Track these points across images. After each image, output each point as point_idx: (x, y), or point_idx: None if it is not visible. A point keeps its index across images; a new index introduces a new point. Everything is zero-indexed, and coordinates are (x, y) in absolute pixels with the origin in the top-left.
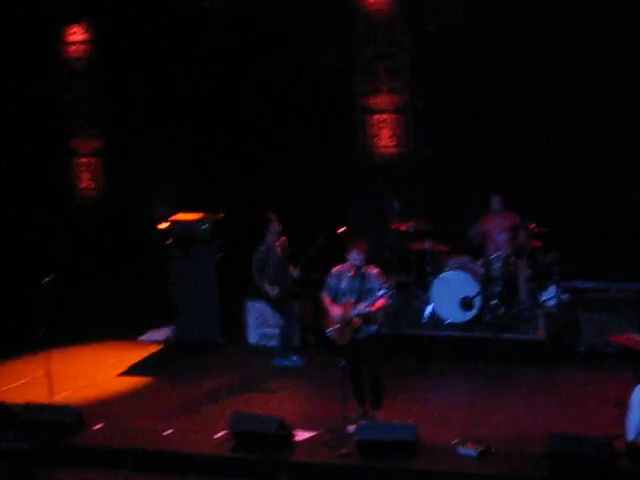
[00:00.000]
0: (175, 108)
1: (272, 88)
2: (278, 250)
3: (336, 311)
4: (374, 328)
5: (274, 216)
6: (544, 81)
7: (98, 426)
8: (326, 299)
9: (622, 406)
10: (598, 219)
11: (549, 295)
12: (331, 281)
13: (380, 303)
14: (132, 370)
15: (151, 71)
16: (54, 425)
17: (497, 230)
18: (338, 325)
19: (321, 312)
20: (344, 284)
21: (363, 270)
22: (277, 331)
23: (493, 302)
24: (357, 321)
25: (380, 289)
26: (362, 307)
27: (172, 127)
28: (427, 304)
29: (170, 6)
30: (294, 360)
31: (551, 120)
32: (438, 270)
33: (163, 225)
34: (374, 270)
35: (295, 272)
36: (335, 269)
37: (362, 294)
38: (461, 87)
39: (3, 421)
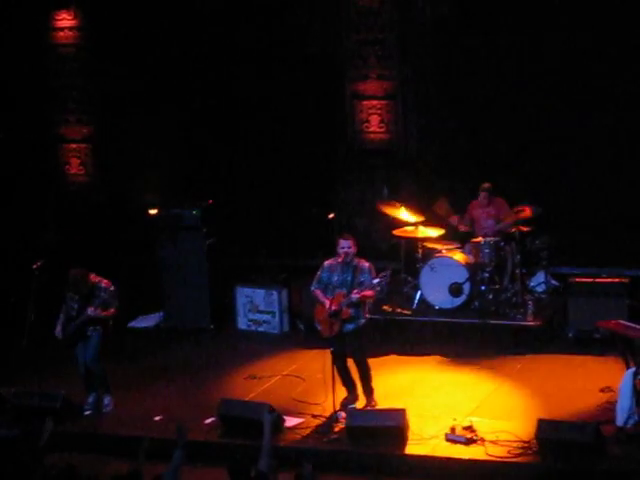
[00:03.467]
0: (165, 94)
1: (262, 75)
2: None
3: (327, 303)
4: (362, 321)
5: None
6: (536, 72)
7: (87, 412)
8: (317, 292)
9: (610, 391)
10: (587, 205)
11: (538, 281)
12: (323, 274)
13: (370, 292)
14: (121, 357)
15: (141, 57)
16: (44, 411)
17: (485, 216)
18: (328, 318)
19: (308, 299)
20: (336, 278)
21: (355, 263)
22: (268, 317)
23: (482, 288)
24: (347, 312)
25: (372, 283)
26: (353, 295)
27: (162, 113)
28: (416, 290)
29: None
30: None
31: (540, 106)
32: (427, 256)
33: (153, 211)
34: (366, 264)
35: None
36: (327, 262)
37: (354, 287)
38: (451, 74)
39: None
